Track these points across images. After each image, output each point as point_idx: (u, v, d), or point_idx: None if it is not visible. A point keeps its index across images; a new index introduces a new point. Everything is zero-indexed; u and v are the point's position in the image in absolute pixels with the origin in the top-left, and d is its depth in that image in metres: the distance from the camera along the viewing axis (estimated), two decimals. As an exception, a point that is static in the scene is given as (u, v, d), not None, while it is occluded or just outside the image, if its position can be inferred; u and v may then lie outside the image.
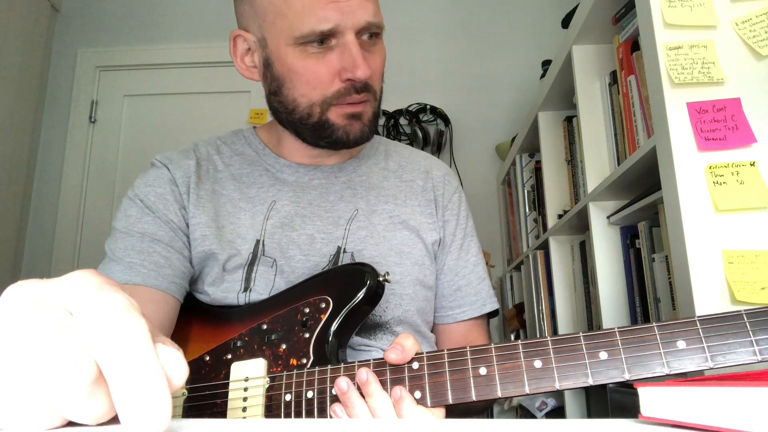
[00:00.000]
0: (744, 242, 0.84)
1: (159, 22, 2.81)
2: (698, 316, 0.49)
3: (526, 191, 2.16)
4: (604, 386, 1.44)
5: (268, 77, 0.79)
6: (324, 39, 0.73)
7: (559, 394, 1.90)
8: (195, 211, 0.80)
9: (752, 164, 0.87)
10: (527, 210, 2.15)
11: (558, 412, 1.88)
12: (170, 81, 2.76)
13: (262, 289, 0.76)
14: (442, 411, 0.54)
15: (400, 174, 0.90)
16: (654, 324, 0.49)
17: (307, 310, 0.69)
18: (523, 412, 2.03)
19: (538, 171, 2.08)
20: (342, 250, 0.79)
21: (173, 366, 0.29)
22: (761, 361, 0.46)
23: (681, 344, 0.48)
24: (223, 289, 0.77)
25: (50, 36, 2.79)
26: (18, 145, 2.53)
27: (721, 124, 0.88)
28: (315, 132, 0.79)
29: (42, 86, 2.72)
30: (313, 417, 0.58)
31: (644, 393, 0.33)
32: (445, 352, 0.55)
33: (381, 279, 0.69)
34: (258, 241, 0.78)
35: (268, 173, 0.85)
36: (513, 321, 2.28)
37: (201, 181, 0.82)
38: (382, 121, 2.62)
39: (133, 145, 2.69)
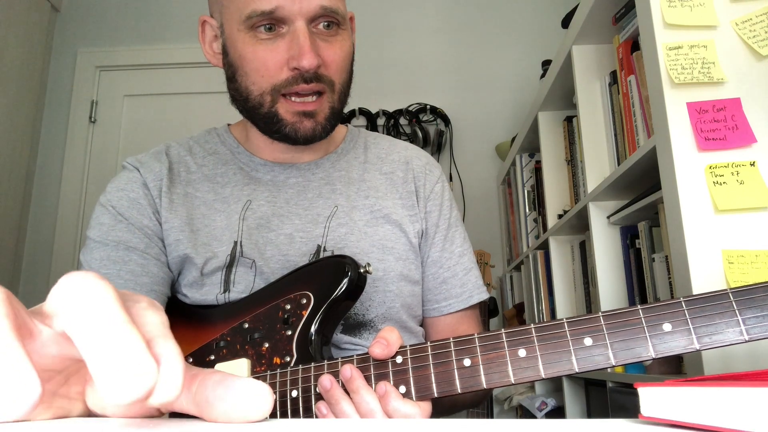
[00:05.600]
0: (744, 242, 0.84)
1: (159, 22, 2.81)
2: (684, 297, 0.48)
3: (526, 191, 2.16)
4: (604, 386, 1.45)
5: (225, 64, 0.79)
6: (273, 25, 0.72)
7: (559, 394, 1.90)
8: (167, 216, 0.78)
9: (752, 164, 0.87)
10: (527, 210, 2.15)
11: (558, 412, 1.88)
12: (170, 81, 2.76)
13: (241, 291, 0.75)
14: (428, 403, 0.54)
15: (380, 166, 0.87)
16: (639, 307, 0.49)
17: (288, 307, 0.68)
18: (523, 412, 2.03)
19: (538, 171, 2.08)
20: (322, 249, 0.77)
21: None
22: (748, 341, 0.46)
23: (667, 327, 0.47)
24: (202, 293, 0.76)
25: (50, 36, 2.79)
26: (18, 145, 2.53)
27: (721, 124, 0.88)
28: (266, 124, 0.77)
29: (42, 86, 2.72)
30: (299, 416, 0.57)
31: (644, 393, 0.33)
32: (429, 344, 0.54)
33: (362, 270, 0.67)
34: (236, 243, 0.77)
35: (243, 171, 0.83)
36: (513, 321, 2.28)
37: (173, 185, 0.81)
38: (381, 121, 2.63)
39: (133, 145, 2.69)
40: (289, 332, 0.66)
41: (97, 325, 0.26)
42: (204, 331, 0.72)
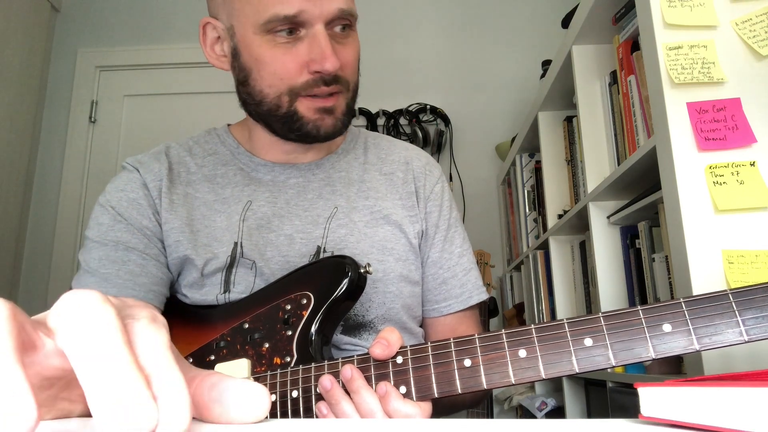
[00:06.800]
0: (744, 242, 0.84)
1: (159, 22, 2.81)
2: (684, 298, 0.48)
3: (526, 191, 2.16)
4: (604, 386, 1.45)
5: (236, 67, 0.78)
6: (292, 29, 0.72)
7: (559, 394, 1.90)
8: (168, 216, 0.78)
9: (752, 164, 0.87)
10: (527, 210, 2.15)
11: (558, 412, 1.88)
12: (170, 81, 2.76)
13: (241, 292, 0.75)
14: (428, 404, 0.54)
15: (380, 167, 0.87)
16: (639, 308, 0.49)
17: (288, 307, 0.68)
18: (523, 412, 2.03)
19: (538, 171, 2.08)
20: (322, 250, 0.77)
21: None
22: (748, 342, 0.46)
23: (667, 327, 0.48)
24: (202, 293, 0.76)
25: (50, 36, 2.79)
26: (18, 145, 2.53)
27: (721, 124, 0.88)
28: (284, 124, 0.77)
29: (42, 86, 2.72)
30: (300, 416, 0.57)
31: (644, 393, 0.33)
32: (429, 345, 0.54)
33: (362, 271, 0.67)
34: (236, 244, 0.77)
35: (243, 172, 0.83)
36: (513, 321, 2.28)
37: (173, 185, 0.80)
38: (381, 121, 2.63)
39: (133, 145, 2.69)
40: (290, 332, 0.66)
41: (98, 362, 0.26)
42: (204, 331, 0.72)
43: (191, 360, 0.70)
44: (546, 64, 2.04)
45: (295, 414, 0.58)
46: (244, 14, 0.73)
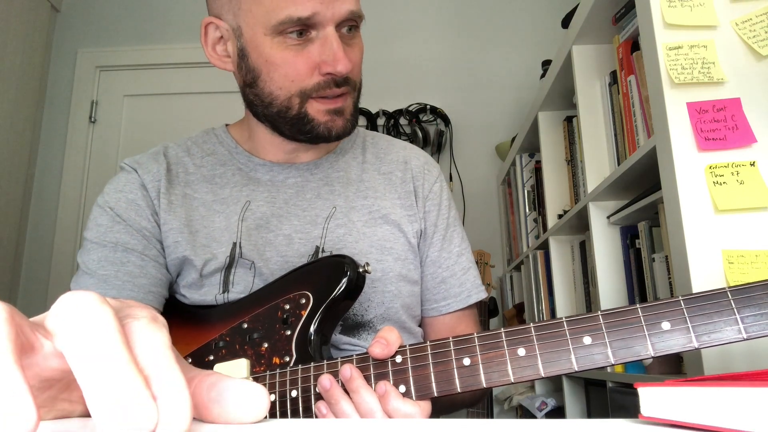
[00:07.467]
0: (744, 242, 0.84)
1: (159, 22, 2.81)
2: (682, 296, 0.48)
3: (526, 191, 2.16)
4: (604, 386, 1.45)
5: (243, 68, 0.77)
6: (303, 30, 0.72)
7: (559, 394, 1.90)
8: (166, 217, 0.78)
9: (752, 164, 0.87)
10: (527, 210, 2.15)
11: (558, 412, 1.88)
12: (170, 81, 2.76)
13: (240, 292, 0.75)
14: (428, 403, 0.54)
15: (378, 166, 0.87)
16: (638, 306, 0.49)
17: (287, 307, 0.68)
18: (523, 412, 2.03)
19: (538, 171, 2.08)
20: (320, 250, 0.77)
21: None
22: (746, 339, 0.46)
23: (666, 325, 0.48)
24: (201, 293, 0.76)
25: (50, 36, 2.79)
26: (18, 145, 2.53)
27: (721, 124, 0.88)
28: (294, 126, 0.76)
29: (42, 86, 2.72)
30: (299, 416, 0.57)
31: (644, 393, 0.33)
32: (428, 344, 0.54)
33: (361, 270, 0.68)
34: (235, 244, 0.77)
35: (241, 172, 0.82)
36: (513, 321, 2.28)
37: (171, 186, 0.80)
38: (381, 121, 2.63)
39: (133, 145, 2.69)
40: (288, 332, 0.66)
41: (96, 363, 0.26)
42: (203, 331, 0.72)
43: (190, 360, 0.70)
44: (546, 64, 2.03)
45: (295, 414, 0.58)
46: (253, 15, 0.73)
